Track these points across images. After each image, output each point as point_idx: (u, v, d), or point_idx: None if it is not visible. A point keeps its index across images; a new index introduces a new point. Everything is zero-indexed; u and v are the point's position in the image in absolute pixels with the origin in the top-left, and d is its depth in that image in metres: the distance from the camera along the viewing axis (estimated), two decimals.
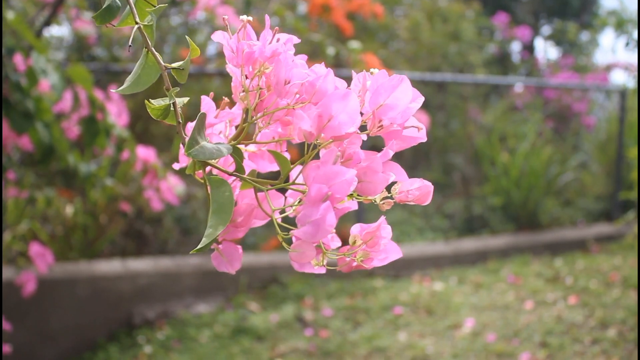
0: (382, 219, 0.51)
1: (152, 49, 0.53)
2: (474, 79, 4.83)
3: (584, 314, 2.69)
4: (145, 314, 2.79)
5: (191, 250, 0.49)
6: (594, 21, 7.01)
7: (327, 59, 2.70)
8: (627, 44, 3.61)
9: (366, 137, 0.52)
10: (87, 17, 2.84)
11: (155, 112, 0.52)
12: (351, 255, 0.52)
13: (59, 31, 3.85)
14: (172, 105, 0.52)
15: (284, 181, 0.52)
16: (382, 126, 0.51)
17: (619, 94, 4.49)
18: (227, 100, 0.56)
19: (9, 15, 1.57)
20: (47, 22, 1.97)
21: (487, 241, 3.83)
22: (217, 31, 0.55)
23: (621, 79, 9.71)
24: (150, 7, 0.56)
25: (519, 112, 5.25)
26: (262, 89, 0.53)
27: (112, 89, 0.58)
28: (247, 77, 0.53)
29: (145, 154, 2.07)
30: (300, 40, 0.56)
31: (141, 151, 2.06)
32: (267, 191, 0.52)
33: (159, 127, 3.41)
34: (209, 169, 0.53)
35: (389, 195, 0.51)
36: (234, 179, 0.54)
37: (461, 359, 2.39)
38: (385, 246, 0.52)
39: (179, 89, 0.53)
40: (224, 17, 0.56)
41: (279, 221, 0.52)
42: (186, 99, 0.55)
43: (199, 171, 0.53)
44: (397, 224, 4.04)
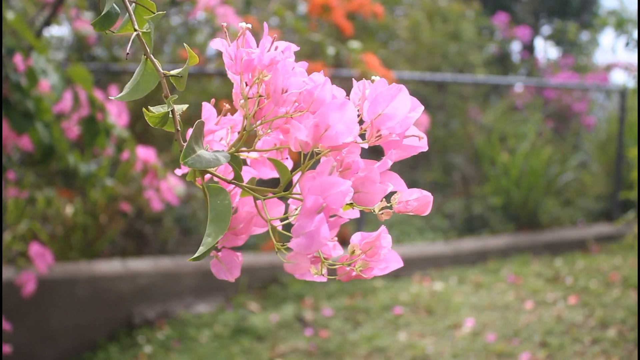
0: (382, 229, 0.51)
1: (151, 56, 0.53)
2: (474, 78, 4.83)
3: (584, 313, 2.69)
4: (145, 314, 2.79)
5: (191, 250, 0.49)
6: (594, 21, 7.01)
7: (327, 59, 2.70)
8: (627, 44, 3.61)
9: (367, 146, 0.52)
10: (87, 17, 2.84)
11: (153, 120, 0.52)
12: (350, 264, 0.51)
13: (59, 31, 3.86)
14: (170, 112, 0.52)
15: (284, 188, 0.52)
16: (380, 136, 0.50)
17: (619, 94, 4.49)
18: (227, 106, 0.56)
19: (9, 15, 1.57)
20: (47, 22, 1.97)
21: (487, 241, 3.84)
22: (215, 38, 0.55)
23: (621, 79, 9.71)
24: (149, 13, 0.56)
25: (519, 112, 5.25)
26: (262, 96, 0.53)
27: (111, 96, 0.57)
28: (247, 84, 0.53)
29: (145, 154, 2.07)
30: (299, 48, 0.56)
31: (141, 151, 2.06)
32: (264, 200, 0.52)
33: None
34: (208, 176, 0.53)
35: (388, 205, 0.51)
36: (234, 186, 0.54)
37: (461, 358, 2.39)
38: (385, 255, 0.51)
39: (177, 97, 0.53)
40: (223, 24, 0.56)
41: (280, 229, 0.51)
42: (185, 106, 0.55)
43: (199, 178, 0.53)
44: (397, 224, 4.04)
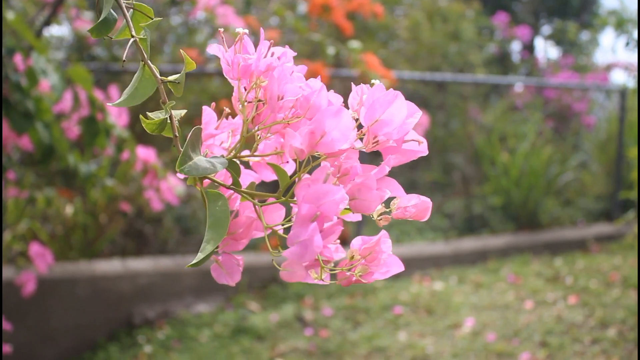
0: (383, 233, 0.51)
1: (149, 62, 0.53)
2: (474, 78, 4.83)
3: (584, 313, 2.69)
4: (145, 314, 2.79)
5: (191, 250, 0.49)
6: (594, 21, 7.01)
7: (327, 59, 2.70)
8: (627, 44, 3.61)
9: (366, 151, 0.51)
10: (87, 17, 2.84)
11: (150, 126, 0.52)
12: (350, 269, 0.51)
13: (59, 31, 3.85)
14: (168, 118, 0.52)
15: (284, 193, 0.52)
16: (377, 142, 0.50)
17: (619, 93, 4.49)
18: (228, 110, 0.56)
19: (9, 15, 1.57)
20: (47, 22, 1.97)
21: (487, 241, 3.84)
22: (213, 41, 0.55)
23: (621, 78, 9.71)
24: (146, 19, 0.56)
25: (519, 111, 5.25)
26: (260, 100, 0.53)
27: (109, 103, 0.57)
28: (245, 89, 0.53)
29: (145, 154, 2.07)
30: (296, 53, 0.56)
31: (141, 151, 2.06)
32: (260, 207, 0.52)
33: None
34: (208, 180, 0.53)
35: (387, 210, 0.51)
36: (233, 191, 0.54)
37: (461, 358, 2.39)
38: (385, 260, 0.51)
39: (175, 102, 0.53)
40: (220, 29, 0.56)
41: (281, 232, 0.51)
42: (183, 112, 0.54)
43: (198, 183, 0.53)
44: (397, 224, 4.04)
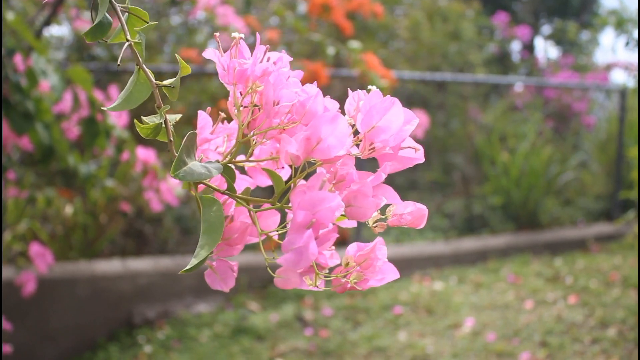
0: (378, 240, 0.50)
1: (144, 66, 0.53)
2: (474, 78, 4.83)
3: (584, 313, 2.69)
4: (145, 314, 2.79)
5: (191, 250, 0.49)
6: (594, 20, 7.01)
7: (327, 59, 2.70)
8: (627, 44, 3.61)
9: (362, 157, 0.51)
10: (87, 17, 2.84)
11: (145, 131, 0.52)
12: (345, 276, 0.51)
13: (59, 31, 3.85)
14: (163, 123, 0.52)
15: (279, 198, 0.52)
16: (374, 148, 0.50)
17: (619, 93, 4.49)
18: (223, 115, 0.55)
19: (9, 15, 1.57)
20: (47, 22, 1.97)
21: (487, 241, 3.84)
22: (208, 48, 0.55)
23: (621, 78, 9.71)
24: (141, 22, 0.56)
25: (519, 111, 5.25)
26: (256, 105, 0.52)
27: (103, 107, 0.57)
28: (241, 94, 0.53)
29: (145, 155, 2.07)
30: (292, 58, 0.55)
31: (141, 152, 2.06)
32: (255, 213, 0.52)
33: None
34: (203, 185, 0.53)
35: (382, 217, 0.50)
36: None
37: (461, 358, 2.39)
38: (380, 267, 0.51)
39: (169, 107, 0.52)
40: (216, 34, 0.56)
41: (276, 238, 0.51)
42: (178, 116, 0.54)
43: (193, 188, 0.52)
44: None
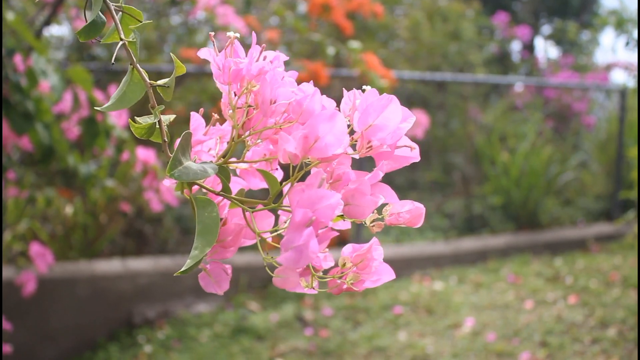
0: (374, 240, 0.50)
1: (137, 65, 0.53)
2: (474, 78, 4.83)
3: (583, 313, 2.69)
4: (145, 314, 2.79)
5: (190, 248, 0.49)
6: (594, 20, 7.00)
7: (327, 59, 2.70)
8: (627, 44, 3.61)
9: (358, 157, 0.51)
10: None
11: (139, 131, 0.51)
12: (341, 277, 0.50)
13: (59, 31, 3.85)
14: (157, 123, 0.51)
15: (274, 200, 0.51)
16: (371, 147, 0.50)
17: (619, 93, 4.49)
18: (216, 116, 0.55)
19: (9, 15, 1.57)
20: (47, 22, 1.97)
21: (487, 241, 3.84)
22: (203, 48, 0.54)
23: (621, 78, 9.71)
24: (135, 22, 0.56)
25: (519, 111, 5.25)
26: (251, 106, 0.52)
27: (96, 107, 0.57)
28: (235, 94, 0.52)
29: (145, 155, 2.07)
30: (287, 57, 0.55)
31: (141, 152, 2.06)
32: (252, 213, 0.51)
33: None
34: (197, 187, 0.52)
35: (380, 217, 0.50)
36: (222, 197, 0.53)
37: (461, 358, 2.39)
38: (377, 268, 0.50)
39: (163, 107, 0.52)
40: (211, 33, 0.55)
41: (270, 240, 0.51)
42: (172, 117, 0.53)
43: (186, 189, 0.52)
44: None
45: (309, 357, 2.47)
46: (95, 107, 1.73)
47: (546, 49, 9.91)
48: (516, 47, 7.57)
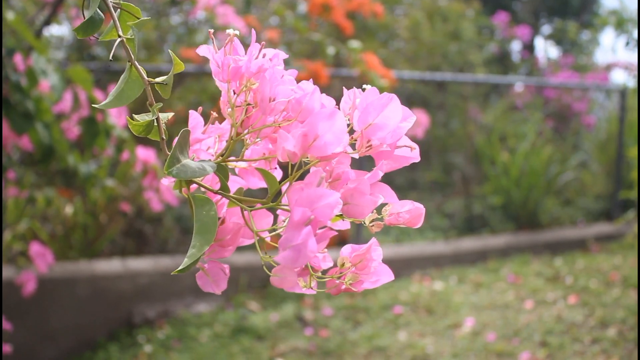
0: (373, 241, 0.50)
1: (135, 62, 0.52)
2: (474, 78, 4.83)
3: (584, 313, 2.69)
4: (145, 314, 2.79)
5: (187, 249, 0.48)
6: (594, 20, 7.01)
7: (327, 59, 2.70)
8: (627, 44, 3.61)
9: (358, 157, 0.50)
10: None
11: (137, 128, 0.51)
12: (340, 277, 0.50)
13: (59, 30, 3.85)
14: (155, 121, 0.51)
15: (273, 199, 0.51)
16: (371, 146, 0.49)
17: (619, 93, 4.49)
18: (215, 114, 0.54)
19: (9, 15, 1.57)
20: (47, 22, 1.97)
21: (487, 240, 3.84)
22: (202, 45, 0.54)
23: (621, 78, 9.71)
24: (133, 19, 0.55)
25: (519, 111, 5.25)
26: (250, 104, 0.51)
27: (94, 104, 0.56)
28: (234, 92, 0.52)
29: (145, 154, 2.07)
30: (287, 55, 0.54)
31: (141, 152, 2.06)
32: (250, 212, 0.51)
33: None
34: (195, 186, 0.52)
35: (379, 217, 0.50)
36: (220, 196, 0.52)
37: (461, 358, 2.39)
38: (375, 268, 0.50)
39: (162, 104, 0.52)
40: (210, 30, 0.55)
41: (268, 240, 0.50)
42: (170, 114, 0.53)
43: (185, 188, 0.51)
44: None
45: (309, 357, 2.47)
46: (93, 105, 1.74)
47: (546, 49, 9.91)
48: (516, 47, 7.58)
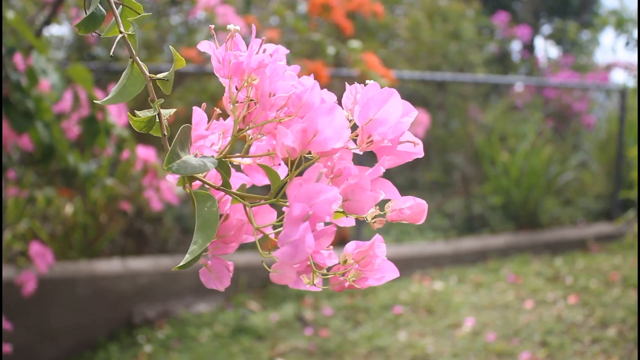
0: (377, 237, 0.49)
1: (137, 58, 0.52)
2: (474, 78, 4.83)
3: (583, 313, 2.69)
4: (145, 314, 2.79)
5: (187, 249, 0.48)
6: (594, 20, 7.01)
7: (327, 59, 2.70)
8: (627, 44, 3.61)
9: (360, 152, 0.50)
10: None
11: (138, 124, 0.51)
12: (344, 274, 0.49)
13: (59, 30, 3.85)
14: (157, 117, 0.51)
15: (275, 194, 0.50)
16: (372, 141, 0.49)
17: (619, 93, 4.49)
18: (218, 110, 0.54)
19: (9, 15, 1.57)
20: (47, 22, 1.97)
21: (487, 240, 3.84)
22: (203, 41, 0.54)
23: (621, 78, 9.71)
24: (134, 15, 0.55)
25: (519, 111, 5.25)
26: (252, 100, 0.51)
27: (96, 100, 0.56)
28: (236, 88, 0.52)
29: (145, 153, 2.07)
30: (288, 51, 0.54)
31: (141, 151, 2.06)
32: (251, 208, 0.50)
33: None
34: (198, 182, 0.52)
35: (381, 213, 0.49)
36: (223, 193, 0.52)
37: (461, 358, 2.39)
38: (380, 265, 0.49)
39: (163, 100, 0.52)
40: (211, 26, 0.55)
41: (272, 236, 0.50)
42: (172, 111, 0.53)
43: (187, 184, 0.51)
44: (397, 223, 4.03)
45: (309, 357, 2.46)
46: (97, 107, 1.74)
47: (546, 49, 9.92)
48: (516, 47, 7.58)
